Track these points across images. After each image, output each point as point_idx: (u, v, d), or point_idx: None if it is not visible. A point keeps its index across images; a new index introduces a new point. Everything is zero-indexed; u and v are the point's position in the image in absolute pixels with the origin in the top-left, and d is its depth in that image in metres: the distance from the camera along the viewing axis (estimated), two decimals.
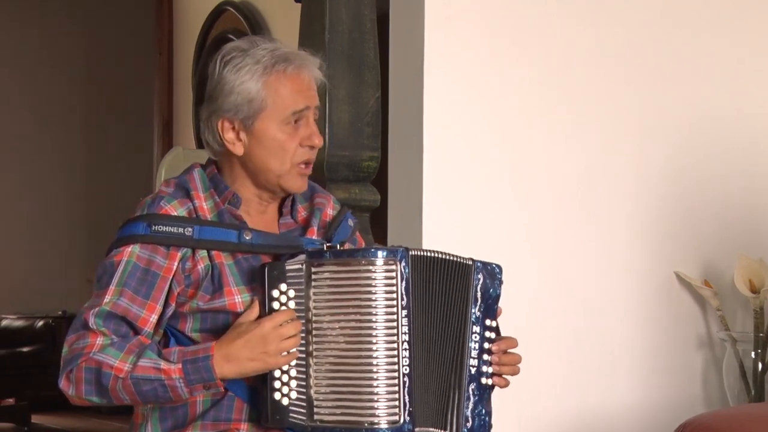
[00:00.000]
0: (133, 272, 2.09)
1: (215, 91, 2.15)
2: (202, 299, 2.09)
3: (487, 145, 3.11)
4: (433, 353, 2.12)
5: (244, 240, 2.12)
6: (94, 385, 2.04)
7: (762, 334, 3.28)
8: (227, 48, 2.16)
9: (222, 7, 5.81)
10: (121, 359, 2.02)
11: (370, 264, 2.05)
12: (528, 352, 3.12)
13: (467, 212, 3.07)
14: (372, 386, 2.03)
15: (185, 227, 2.10)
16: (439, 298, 2.14)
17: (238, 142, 2.14)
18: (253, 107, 2.11)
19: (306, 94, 2.13)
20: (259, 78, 2.11)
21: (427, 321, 2.11)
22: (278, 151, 2.13)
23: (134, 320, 2.07)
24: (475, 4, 3.09)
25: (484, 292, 2.19)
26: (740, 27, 3.49)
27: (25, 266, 7.68)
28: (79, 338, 2.06)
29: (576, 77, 3.23)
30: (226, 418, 2.09)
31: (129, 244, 2.10)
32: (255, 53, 2.12)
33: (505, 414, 3.10)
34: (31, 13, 7.75)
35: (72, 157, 7.89)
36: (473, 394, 2.16)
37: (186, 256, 2.11)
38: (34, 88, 7.77)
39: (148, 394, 2.03)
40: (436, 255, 2.14)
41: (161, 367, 2.01)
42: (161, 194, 2.15)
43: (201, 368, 2.01)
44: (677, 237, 3.38)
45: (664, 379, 3.35)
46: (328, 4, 2.91)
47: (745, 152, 3.49)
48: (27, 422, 6.66)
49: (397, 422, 2.02)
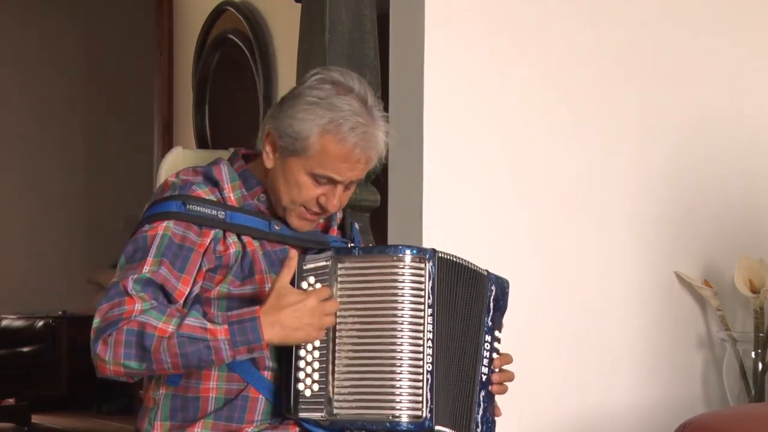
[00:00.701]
0: (170, 245, 2.09)
1: (286, 101, 2.15)
2: (232, 284, 2.10)
3: (487, 145, 3.11)
4: (452, 356, 2.13)
5: (275, 230, 2.15)
6: (134, 347, 1.99)
7: (762, 334, 3.28)
8: (326, 74, 2.14)
9: (222, 7, 5.81)
10: (164, 321, 1.99)
11: (399, 261, 2.07)
12: (528, 352, 3.13)
13: (467, 212, 3.07)
14: (395, 380, 2.04)
15: (218, 210, 2.12)
16: (460, 303, 2.16)
17: (272, 157, 2.15)
18: (296, 146, 2.11)
19: (346, 167, 2.11)
20: (319, 127, 2.09)
21: (448, 323, 2.12)
22: (294, 190, 2.14)
23: (171, 291, 2.07)
24: (475, 4, 3.09)
25: (496, 303, 2.22)
26: (740, 27, 3.49)
27: (25, 266, 7.68)
28: (115, 306, 2.02)
29: (576, 77, 3.23)
30: (239, 418, 2.10)
31: (163, 220, 2.10)
32: (337, 102, 2.09)
33: (505, 414, 3.10)
34: (31, 13, 7.75)
35: (72, 157, 7.89)
36: (483, 400, 2.19)
37: (218, 237, 2.12)
38: (34, 88, 7.77)
39: (191, 355, 1.99)
40: (459, 260, 2.16)
41: (207, 327, 1.99)
42: (190, 181, 2.15)
43: (248, 329, 1.99)
44: (677, 237, 3.38)
45: (664, 379, 3.35)
46: (328, 4, 2.91)
47: (745, 152, 3.49)
48: (27, 422, 6.65)
49: (420, 417, 2.03)
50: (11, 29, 7.70)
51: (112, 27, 7.95)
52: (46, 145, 7.80)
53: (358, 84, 2.14)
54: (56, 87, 7.83)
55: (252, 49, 5.43)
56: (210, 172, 2.18)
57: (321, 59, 2.90)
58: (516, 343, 3.11)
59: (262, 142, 2.17)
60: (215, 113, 5.93)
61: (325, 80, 2.12)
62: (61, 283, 7.54)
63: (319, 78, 2.13)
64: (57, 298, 7.33)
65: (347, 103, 2.09)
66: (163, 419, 2.13)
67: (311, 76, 2.15)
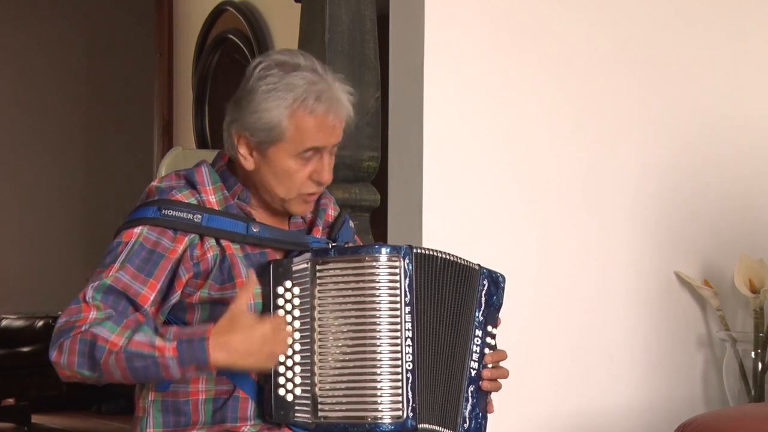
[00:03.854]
0: (139, 251, 2.09)
1: (243, 100, 2.13)
2: (212, 288, 2.10)
3: (487, 145, 3.11)
4: (437, 352, 2.12)
5: (252, 232, 2.13)
6: (86, 357, 2.01)
7: (762, 334, 3.28)
8: (269, 60, 2.14)
9: (222, 7, 5.81)
10: (117, 334, 2.00)
11: (374, 260, 2.06)
12: (529, 352, 3.13)
13: (467, 212, 3.08)
14: (375, 381, 2.04)
15: (194, 214, 2.11)
16: (445, 299, 2.14)
17: (250, 158, 2.14)
18: (271, 135, 2.10)
19: (327, 134, 2.12)
20: (286, 109, 2.09)
21: (432, 320, 2.12)
22: (286, 180, 2.13)
23: (134, 297, 2.07)
24: (475, 4, 3.09)
25: (488, 298, 2.21)
26: (742, 28, 3.49)
27: (25, 266, 7.68)
28: (72, 313, 2.05)
29: (576, 77, 3.24)
30: (232, 418, 2.09)
31: (137, 225, 2.11)
32: (291, 80, 2.09)
33: (506, 414, 3.10)
34: (31, 13, 7.75)
35: (72, 158, 7.89)
36: (472, 396, 2.17)
37: (194, 243, 2.11)
38: (33, 88, 7.77)
39: (139, 370, 2.00)
40: (443, 255, 2.15)
41: (156, 344, 1.99)
42: (172, 185, 2.15)
43: (196, 349, 1.98)
44: (677, 237, 3.39)
45: (664, 379, 3.35)
46: (328, 4, 2.91)
47: (745, 153, 3.49)
48: (27, 422, 6.66)
49: (401, 417, 2.03)
50: (11, 29, 7.70)
51: (112, 27, 7.95)
52: (46, 145, 7.80)
53: (302, 58, 2.14)
54: (56, 87, 7.83)
55: (252, 49, 5.43)
56: (191, 175, 2.17)
57: (321, 59, 2.90)
58: (516, 342, 3.11)
59: (233, 148, 2.15)
60: (215, 113, 5.92)
61: (270, 66, 2.11)
62: (60, 284, 7.54)
63: (263, 66, 2.12)
64: (57, 298, 7.32)
65: (301, 77, 2.09)
66: (155, 426, 2.13)
67: (255, 67, 2.13)
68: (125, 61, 7.88)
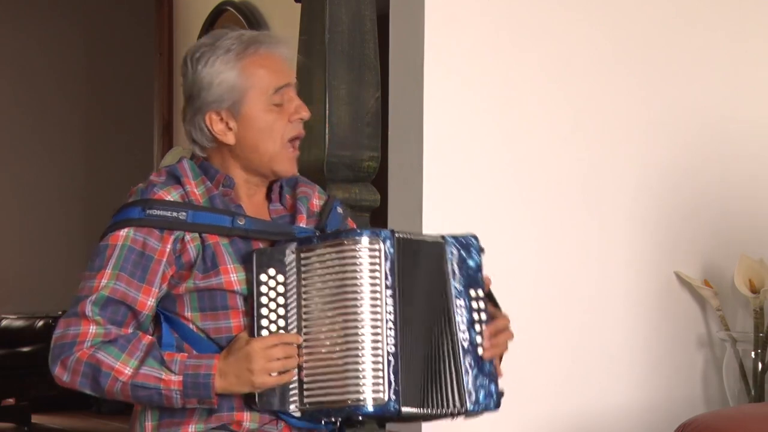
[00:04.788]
0: (129, 256, 2.10)
1: (194, 89, 2.18)
2: (196, 278, 2.11)
3: (487, 145, 3.11)
4: (422, 334, 2.10)
5: (237, 225, 2.14)
6: (90, 379, 2.05)
7: (762, 334, 3.28)
8: (194, 47, 2.19)
9: (222, 7, 5.81)
10: (122, 361, 2.04)
11: (354, 244, 2.06)
12: (529, 352, 3.13)
13: (467, 212, 3.07)
14: (357, 365, 2.02)
15: (179, 211, 2.12)
16: (423, 278, 2.13)
17: (229, 131, 2.17)
18: (236, 94, 2.14)
19: (284, 72, 2.17)
20: (235, 65, 2.14)
21: (414, 301, 2.10)
22: (269, 131, 2.16)
23: (132, 304, 2.09)
24: (475, 4, 3.09)
25: (460, 264, 2.17)
26: (742, 28, 3.49)
27: (25, 266, 7.68)
28: (72, 324, 2.07)
29: (577, 77, 3.24)
30: (228, 408, 2.10)
31: (123, 227, 2.13)
32: (222, 44, 2.15)
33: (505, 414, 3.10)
34: (31, 13, 7.75)
35: (72, 158, 7.89)
36: (471, 366, 2.13)
37: (179, 238, 2.12)
38: (33, 88, 7.77)
39: (142, 398, 2.06)
40: (415, 237, 2.15)
41: (162, 377, 2.03)
42: (153, 182, 2.18)
43: (200, 385, 2.04)
44: (677, 237, 3.39)
45: (664, 379, 3.35)
46: (328, 4, 2.91)
47: (745, 153, 3.49)
48: (27, 422, 6.66)
49: (382, 400, 2.02)
50: (11, 29, 7.70)
51: (112, 27, 7.95)
52: (46, 145, 7.80)
53: (224, 29, 2.20)
54: (56, 87, 7.83)
55: None
56: (174, 170, 2.20)
57: (321, 59, 2.90)
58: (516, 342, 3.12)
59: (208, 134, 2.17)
60: None
61: (197, 49, 2.17)
62: (60, 283, 7.53)
63: (191, 52, 2.18)
64: (57, 298, 7.32)
65: (229, 38, 2.16)
66: (153, 419, 2.15)
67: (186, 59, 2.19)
68: (125, 61, 7.88)
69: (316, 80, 2.92)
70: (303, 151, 2.98)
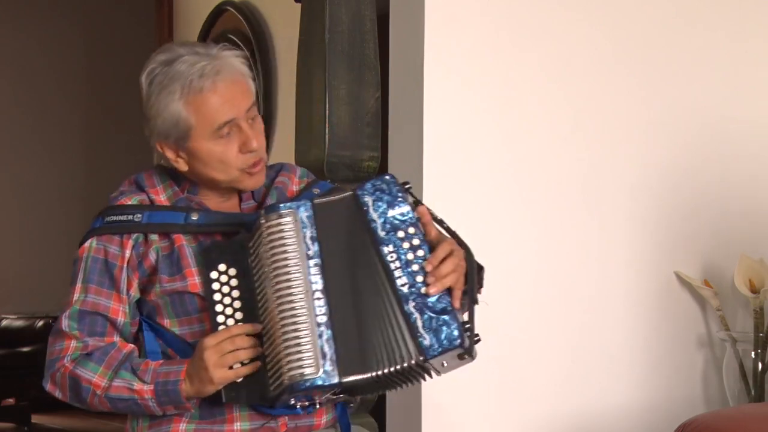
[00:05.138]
0: (94, 266, 2.13)
1: (146, 110, 2.15)
2: (162, 281, 2.12)
3: (487, 145, 3.11)
4: (354, 295, 2.03)
5: (191, 221, 2.14)
6: (74, 393, 2.10)
7: (762, 334, 3.27)
8: (153, 63, 2.15)
9: (222, 7, 5.80)
10: (99, 374, 2.08)
11: (269, 220, 2.03)
12: (529, 352, 3.13)
13: (467, 212, 3.07)
14: (291, 341, 1.98)
15: (135, 214, 2.14)
16: (343, 239, 2.07)
17: (180, 159, 2.15)
18: (180, 129, 2.11)
19: (230, 105, 2.10)
20: (179, 100, 2.10)
21: (338, 265, 2.04)
22: (218, 164, 2.13)
23: (105, 312, 2.11)
24: (475, 4, 3.09)
25: (379, 210, 2.07)
26: (742, 28, 3.49)
27: (25, 266, 7.68)
28: (56, 341, 2.13)
29: (577, 77, 3.23)
30: (219, 412, 2.11)
31: (87, 239, 2.16)
32: (174, 71, 2.10)
33: (506, 414, 3.10)
34: (31, 13, 7.75)
35: (71, 158, 7.89)
36: (417, 310, 2.00)
37: (138, 242, 2.14)
38: (33, 88, 7.77)
39: (123, 408, 2.10)
40: (330, 198, 2.11)
41: (134, 388, 2.06)
42: (120, 192, 2.20)
43: (170, 392, 2.06)
44: (677, 237, 3.38)
45: (664, 379, 3.35)
46: (328, 4, 2.91)
47: (745, 153, 3.49)
48: (27, 422, 6.66)
49: (314, 374, 1.96)
50: (11, 29, 7.70)
51: (112, 27, 7.95)
52: (46, 145, 7.80)
53: (182, 47, 2.14)
54: (56, 87, 7.83)
55: (252, 49, 5.42)
56: (140, 179, 2.21)
57: (321, 59, 2.90)
58: (517, 342, 3.12)
59: (163, 157, 2.17)
60: None
61: (154, 68, 2.13)
62: (60, 284, 7.52)
63: (148, 71, 2.14)
64: (57, 298, 7.31)
65: (182, 63, 2.10)
66: (143, 420, 2.17)
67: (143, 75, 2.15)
68: (125, 61, 7.87)
69: (316, 80, 2.93)
70: (303, 151, 3.00)
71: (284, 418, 2.12)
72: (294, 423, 2.14)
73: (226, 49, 2.15)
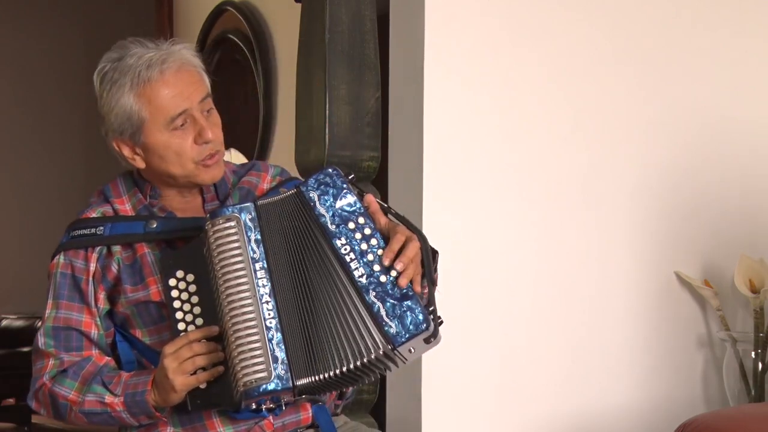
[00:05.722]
0: (63, 282, 2.15)
1: (100, 108, 2.17)
2: (126, 292, 2.12)
3: (487, 145, 3.11)
4: (307, 293, 2.01)
5: (150, 229, 2.14)
6: (54, 410, 2.12)
7: (762, 334, 3.27)
8: (104, 62, 2.16)
9: (222, 7, 5.80)
10: (75, 390, 2.10)
11: (214, 225, 2.02)
12: (529, 352, 3.13)
13: (467, 212, 3.07)
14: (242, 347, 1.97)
15: (97, 227, 2.14)
16: (291, 238, 2.04)
17: (137, 156, 2.15)
18: (133, 123, 2.11)
19: (181, 96, 2.11)
20: (129, 92, 2.10)
21: (286, 266, 2.02)
22: (174, 157, 2.12)
23: (78, 326, 2.13)
24: (475, 4, 3.09)
25: (326, 204, 2.04)
26: (742, 28, 3.49)
27: (25, 266, 7.68)
28: (36, 359, 2.15)
29: (577, 77, 3.23)
30: (198, 418, 2.11)
31: (56, 255, 2.17)
32: (123, 65, 2.11)
33: (506, 414, 3.10)
34: (31, 13, 7.75)
35: (72, 158, 7.89)
36: (380, 299, 1.98)
37: (102, 254, 2.14)
38: (33, 88, 7.77)
39: (100, 422, 2.11)
40: (274, 198, 2.08)
41: (106, 401, 2.08)
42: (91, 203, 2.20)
43: (138, 403, 2.07)
44: (677, 237, 3.38)
45: (664, 379, 3.35)
46: (328, 4, 2.91)
47: (745, 153, 3.49)
48: (27, 422, 6.66)
49: (266, 379, 1.95)
50: (11, 29, 7.70)
51: (112, 27, 7.94)
52: (46, 145, 7.80)
53: (132, 43, 2.15)
54: (56, 87, 7.83)
55: (252, 49, 5.42)
56: (106, 189, 2.22)
57: (321, 59, 2.90)
58: (517, 342, 3.12)
59: (121, 156, 2.17)
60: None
61: (105, 66, 2.15)
62: None
63: (99, 69, 2.17)
64: None
65: (130, 56, 2.11)
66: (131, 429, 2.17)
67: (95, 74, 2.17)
68: None
69: (316, 80, 2.93)
70: (303, 151, 3.00)
71: (270, 417, 2.11)
72: (281, 421, 2.13)
73: (176, 43, 2.15)
